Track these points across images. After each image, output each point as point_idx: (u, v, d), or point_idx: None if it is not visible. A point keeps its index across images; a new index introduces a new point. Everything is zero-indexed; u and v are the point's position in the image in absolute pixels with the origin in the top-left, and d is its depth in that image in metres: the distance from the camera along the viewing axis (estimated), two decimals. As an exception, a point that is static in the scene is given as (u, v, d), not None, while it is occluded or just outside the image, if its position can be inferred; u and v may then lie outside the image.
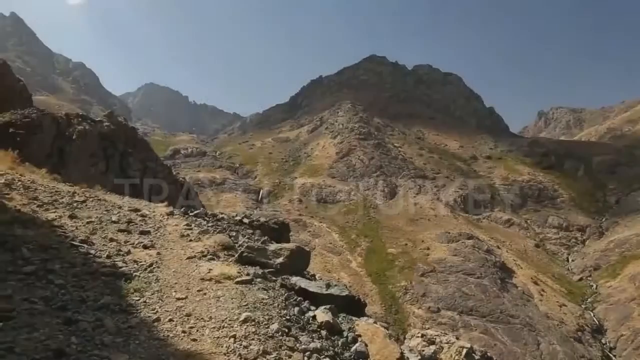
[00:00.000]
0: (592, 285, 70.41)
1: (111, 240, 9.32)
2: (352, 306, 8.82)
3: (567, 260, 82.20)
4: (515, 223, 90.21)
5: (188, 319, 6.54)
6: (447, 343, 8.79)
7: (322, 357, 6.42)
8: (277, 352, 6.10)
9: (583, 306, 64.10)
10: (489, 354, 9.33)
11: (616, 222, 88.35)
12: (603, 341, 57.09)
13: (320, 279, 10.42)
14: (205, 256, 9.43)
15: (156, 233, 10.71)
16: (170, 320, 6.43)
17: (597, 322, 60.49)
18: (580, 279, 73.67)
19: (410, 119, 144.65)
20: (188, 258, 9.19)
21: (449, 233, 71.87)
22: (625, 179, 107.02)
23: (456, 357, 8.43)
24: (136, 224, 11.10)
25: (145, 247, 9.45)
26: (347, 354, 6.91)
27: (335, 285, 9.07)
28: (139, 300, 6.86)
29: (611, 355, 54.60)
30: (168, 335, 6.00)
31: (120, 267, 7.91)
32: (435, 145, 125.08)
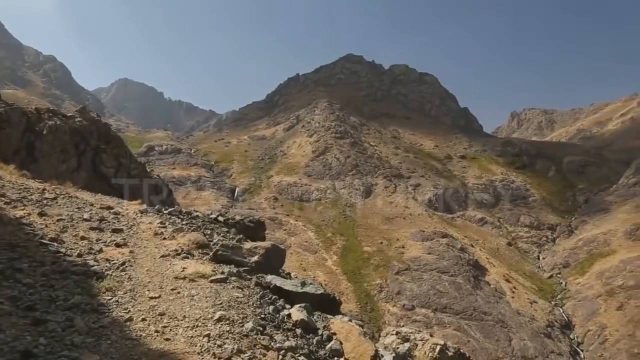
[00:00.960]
0: (561, 283, 72.18)
1: (82, 238, 9.15)
2: (327, 304, 8.84)
3: (538, 258, 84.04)
4: (488, 222, 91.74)
5: (161, 318, 6.46)
6: (421, 340, 8.89)
7: (297, 355, 6.42)
8: (251, 350, 6.07)
9: (553, 303, 65.64)
10: (462, 350, 9.47)
11: (585, 220, 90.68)
12: (571, 336, 58.64)
13: (296, 278, 10.41)
14: (179, 254, 9.33)
15: (129, 231, 10.55)
16: (143, 319, 6.34)
17: (566, 318, 62.07)
18: (551, 277, 75.43)
19: (386, 118, 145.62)
20: (162, 256, 9.07)
21: (424, 232, 72.70)
22: (594, 179, 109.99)
23: (430, 354, 8.54)
24: (109, 221, 10.92)
25: (117, 245, 9.30)
26: (322, 352, 6.92)
27: (311, 284, 9.08)
28: (111, 299, 6.75)
29: (579, 349, 56.12)
30: (141, 335, 5.92)
31: (92, 266, 7.77)
32: (411, 144, 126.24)
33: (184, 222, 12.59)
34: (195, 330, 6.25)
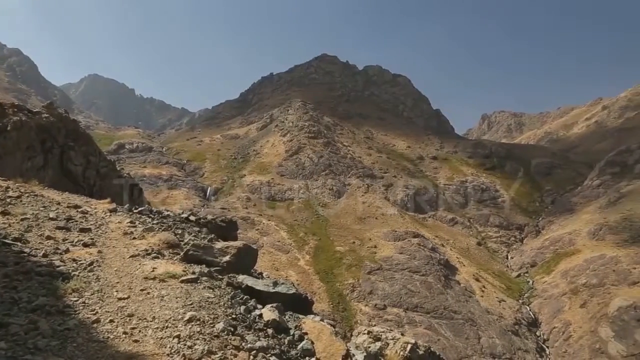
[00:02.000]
0: (528, 281, 73.94)
1: (48, 238, 8.91)
2: (299, 304, 8.85)
3: (507, 258, 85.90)
4: (458, 222, 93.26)
5: (130, 319, 6.35)
6: (392, 339, 8.98)
7: (268, 355, 6.41)
8: (222, 351, 6.02)
9: (520, 301, 67.19)
10: (432, 349, 9.61)
11: (551, 221, 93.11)
12: (538, 334, 60.20)
13: (268, 277, 10.38)
14: (149, 254, 9.19)
15: (97, 230, 10.34)
16: (111, 321, 6.22)
17: (532, 315, 63.66)
18: (518, 275, 77.20)
19: (359, 118, 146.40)
20: (131, 256, 8.92)
21: (396, 231, 73.39)
22: (560, 181, 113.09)
23: (401, 353, 8.63)
24: (76, 221, 10.67)
25: (85, 245, 9.10)
26: (293, 352, 6.92)
27: (283, 284, 9.07)
28: (77, 300, 6.60)
29: (544, 346, 57.67)
30: (108, 337, 5.80)
31: (58, 266, 7.58)
32: (384, 145, 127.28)
33: (154, 222, 12.41)
34: (165, 332, 6.16)
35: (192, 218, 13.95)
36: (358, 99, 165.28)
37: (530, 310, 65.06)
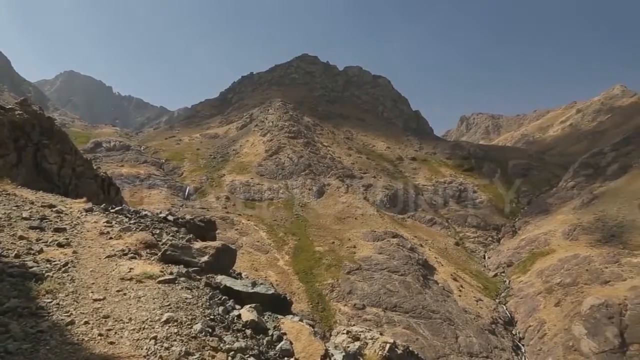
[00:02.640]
0: (505, 281, 75.12)
1: (21, 238, 8.71)
2: (278, 304, 8.82)
3: (484, 258, 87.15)
4: (437, 222, 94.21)
5: (106, 321, 6.24)
6: (371, 339, 9.03)
7: (247, 356, 6.37)
8: (200, 352, 5.97)
9: (497, 300, 68.23)
10: (410, 348, 9.69)
11: (527, 221, 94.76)
12: (513, 332, 61.25)
13: (247, 278, 10.32)
14: (126, 255, 9.05)
15: (73, 230, 10.14)
16: (86, 322, 6.11)
17: (508, 314, 64.72)
18: (495, 275, 78.37)
19: (339, 119, 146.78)
20: (107, 257, 8.78)
21: (375, 232, 73.76)
22: (536, 182, 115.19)
23: (380, 352, 8.68)
24: (50, 220, 10.45)
25: (60, 245, 8.91)
26: (272, 353, 6.90)
27: (261, 284, 9.03)
28: (51, 302, 6.46)
29: (520, 344, 58.69)
30: (83, 339, 5.69)
31: (31, 267, 7.41)
32: (364, 145, 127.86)
33: (131, 222, 12.23)
34: (142, 333, 6.07)
35: (170, 218, 13.80)
36: (338, 100, 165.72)
37: (506, 309, 66.13)
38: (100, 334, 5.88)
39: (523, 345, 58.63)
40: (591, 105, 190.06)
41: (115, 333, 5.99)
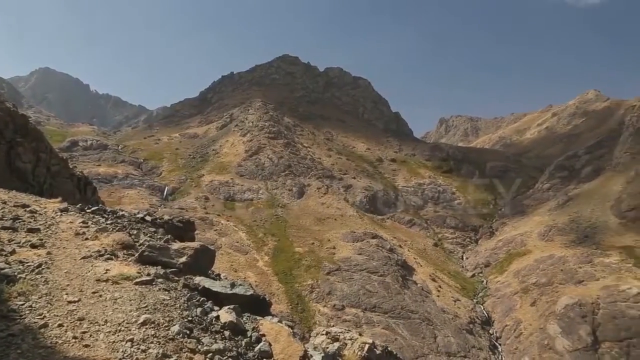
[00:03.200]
0: (482, 281, 76.16)
1: (-8, 238, 8.49)
2: (257, 305, 8.78)
3: (462, 258, 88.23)
4: (416, 223, 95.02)
5: (80, 323, 6.12)
6: (350, 340, 9.04)
7: (225, 358, 6.33)
8: (177, 354, 5.90)
9: (474, 300, 69.13)
10: (389, 348, 9.75)
11: (504, 223, 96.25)
12: (491, 331, 62.16)
13: (226, 279, 10.25)
14: (102, 256, 8.91)
15: (47, 231, 9.93)
16: (60, 325, 5.98)
17: (486, 314, 65.64)
18: (473, 276, 79.40)
19: (320, 120, 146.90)
20: (83, 258, 8.62)
21: (355, 232, 74.02)
22: (513, 184, 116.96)
23: (359, 353, 8.70)
24: (24, 220, 10.22)
25: (33, 246, 8.72)
26: (250, 354, 6.86)
27: (240, 285, 8.97)
28: (23, 304, 6.31)
29: (497, 344, 59.60)
30: (56, 342, 5.58)
31: (2, 269, 7.23)
32: (344, 146, 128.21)
33: (108, 222, 12.04)
34: (118, 335, 5.98)
35: (148, 218, 13.63)
36: (319, 101, 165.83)
37: (484, 309, 67.04)
38: (74, 337, 5.76)
39: (500, 344, 59.55)
40: (566, 109, 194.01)
41: (91, 335, 5.88)
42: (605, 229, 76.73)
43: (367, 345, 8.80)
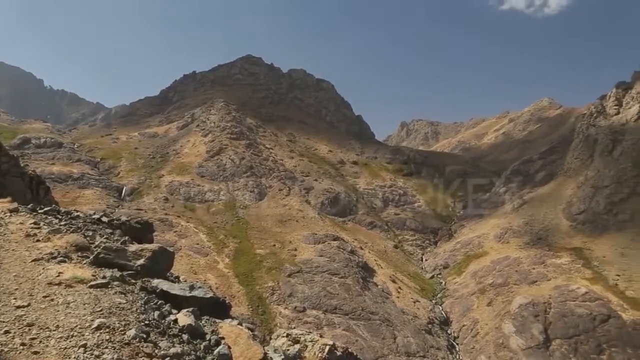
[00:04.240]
0: (441, 282, 77.77)
1: None
2: (217, 308, 8.68)
3: (422, 260, 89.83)
4: (377, 225, 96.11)
5: (30, 329, 5.88)
6: (311, 341, 9.05)
7: (183, 362, 6.21)
8: (133, 359, 5.76)
9: (433, 301, 70.49)
10: (350, 349, 9.80)
11: (462, 225, 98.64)
12: (449, 331, 63.55)
13: (185, 281, 10.09)
14: (54, 258, 8.60)
15: (-5, 232, 9.51)
16: (7, 332, 5.73)
17: (444, 315, 67.05)
18: (432, 277, 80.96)
19: (282, 121, 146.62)
20: (34, 260, 8.30)
21: (316, 234, 74.19)
22: (471, 187, 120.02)
23: (319, 355, 8.72)
24: (-31, 221, 9.75)
25: (-21, 248, 8.33)
26: (209, 358, 6.77)
27: (200, 287, 8.85)
28: (-33, 310, 6.02)
29: (455, 343, 60.97)
30: (2, 350, 5.34)
31: (-55, 272, 6.88)
32: (306, 148, 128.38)
33: (62, 223, 11.64)
34: (70, 341, 5.77)
35: (104, 219, 13.25)
36: (282, 102, 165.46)
37: (442, 309, 68.47)
38: (22, 344, 5.53)
39: (457, 344, 60.95)
40: (522, 115, 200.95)
41: (40, 342, 5.66)
42: (557, 232, 79.81)
43: (327, 347, 8.83)
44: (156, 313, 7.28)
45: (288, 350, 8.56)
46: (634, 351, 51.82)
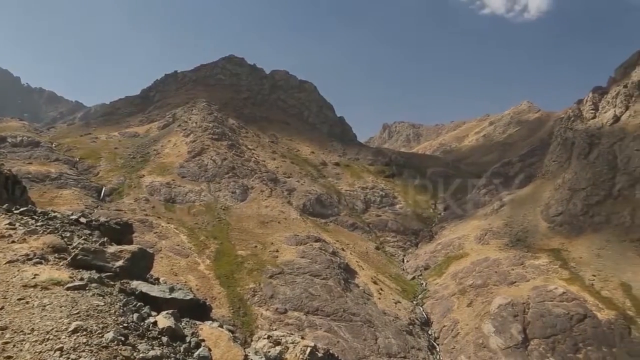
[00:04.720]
0: (422, 283, 78.33)
1: None
2: (197, 310, 8.59)
3: (403, 261, 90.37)
4: (358, 227, 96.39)
5: (3, 333, 5.73)
6: (292, 343, 9.03)
7: (162, 365, 6.13)
8: (111, 363, 5.65)
9: (414, 302, 70.96)
10: (331, 351, 9.79)
11: (443, 226, 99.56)
12: (429, 332, 64.08)
13: (165, 283, 9.96)
14: (30, 260, 8.42)
15: (-32, 233, 9.27)
16: (-21, 336, 5.58)
17: (425, 315, 67.56)
18: (413, 278, 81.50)
19: (265, 122, 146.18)
20: (8, 262, 8.11)
21: (298, 236, 74.12)
22: (452, 189, 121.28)
23: (300, 356, 8.70)
24: (-59, 222, 9.49)
25: (-49, 249, 8.12)
26: (189, 360, 6.69)
27: (180, 289, 8.74)
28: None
29: (435, 344, 61.47)
30: (-26, 354, 5.20)
31: None
32: (288, 149, 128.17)
33: (38, 224, 11.39)
34: (46, 345, 5.64)
35: (82, 220, 13.02)
36: (264, 103, 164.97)
37: (423, 310, 68.98)
38: (-5, 348, 5.40)
39: (438, 344, 61.47)
40: (502, 118, 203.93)
41: (14, 346, 5.52)
42: (536, 233, 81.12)
43: (309, 349, 8.82)
44: (135, 315, 7.17)
45: (269, 352, 8.52)
46: (608, 350, 52.96)
